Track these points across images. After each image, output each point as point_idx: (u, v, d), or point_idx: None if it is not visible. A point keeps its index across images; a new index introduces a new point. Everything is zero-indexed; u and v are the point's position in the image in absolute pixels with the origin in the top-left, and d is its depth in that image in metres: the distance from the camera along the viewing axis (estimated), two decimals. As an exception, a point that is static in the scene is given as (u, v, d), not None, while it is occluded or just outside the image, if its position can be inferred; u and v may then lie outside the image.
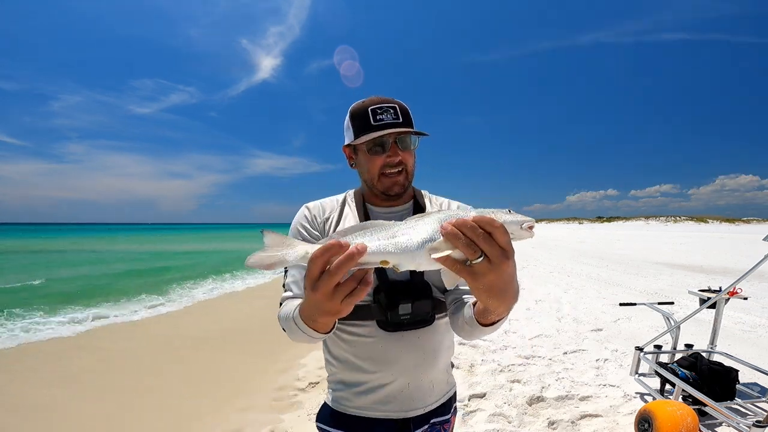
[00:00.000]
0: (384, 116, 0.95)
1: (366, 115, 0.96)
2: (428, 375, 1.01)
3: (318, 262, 0.59)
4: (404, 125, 0.97)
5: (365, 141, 0.96)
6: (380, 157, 0.97)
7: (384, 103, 0.97)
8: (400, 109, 0.97)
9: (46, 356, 4.73)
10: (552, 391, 3.17)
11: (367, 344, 0.97)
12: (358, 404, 1.00)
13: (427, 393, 1.02)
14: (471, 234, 0.55)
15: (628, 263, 12.41)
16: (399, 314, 0.93)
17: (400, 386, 0.98)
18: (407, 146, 0.99)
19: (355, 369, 0.99)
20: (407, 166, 0.99)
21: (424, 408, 1.01)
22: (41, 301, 8.12)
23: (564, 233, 43.43)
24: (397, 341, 0.96)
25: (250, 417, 3.11)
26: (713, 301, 2.92)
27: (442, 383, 1.06)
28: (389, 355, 0.96)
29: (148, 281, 11.35)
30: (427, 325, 0.98)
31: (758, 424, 2.16)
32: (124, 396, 3.59)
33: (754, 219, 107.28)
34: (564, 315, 5.69)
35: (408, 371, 0.97)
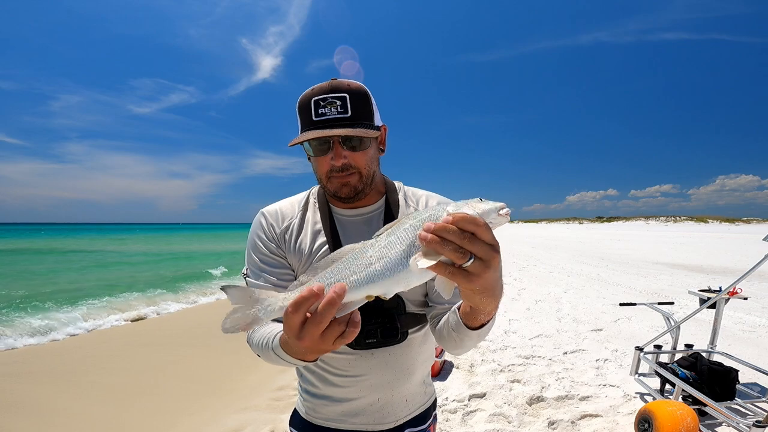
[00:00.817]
0: (327, 110, 0.81)
1: (308, 107, 0.82)
2: (401, 391, 0.95)
3: (296, 316, 0.55)
4: (352, 119, 0.81)
5: (305, 140, 0.82)
6: (325, 158, 0.84)
7: (331, 93, 0.81)
8: (350, 100, 0.81)
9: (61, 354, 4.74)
10: (552, 391, 3.17)
11: (335, 360, 0.92)
12: (327, 415, 0.95)
13: (400, 407, 0.96)
14: (455, 238, 0.51)
15: (628, 263, 12.41)
16: (365, 338, 0.87)
17: (370, 401, 0.93)
18: (356, 146, 0.83)
19: (322, 381, 0.94)
20: (360, 167, 0.85)
21: (396, 421, 0.96)
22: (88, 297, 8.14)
23: (564, 233, 43.43)
24: (367, 360, 0.90)
25: (250, 417, 3.11)
26: (713, 301, 2.92)
27: (417, 396, 1.00)
28: (357, 372, 0.91)
29: (160, 279, 11.38)
30: (400, 342, 0.90)
31: (758, 424, 2.16)
32: (122, 396, 3.59)
33: (754, 219, 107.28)
34: (564, 315, 5.69)
35: (378, 388, 0.92)
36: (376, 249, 0.57)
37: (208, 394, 3.61)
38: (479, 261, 0.53)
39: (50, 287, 10.28)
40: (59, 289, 10.00)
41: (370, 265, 0.56)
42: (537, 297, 6.98)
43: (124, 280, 11.90)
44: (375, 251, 0.57)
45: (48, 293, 9.27)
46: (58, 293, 9.23)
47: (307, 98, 0.83)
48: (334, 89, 0.81)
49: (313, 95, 0.82)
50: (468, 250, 0.52)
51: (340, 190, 0.86)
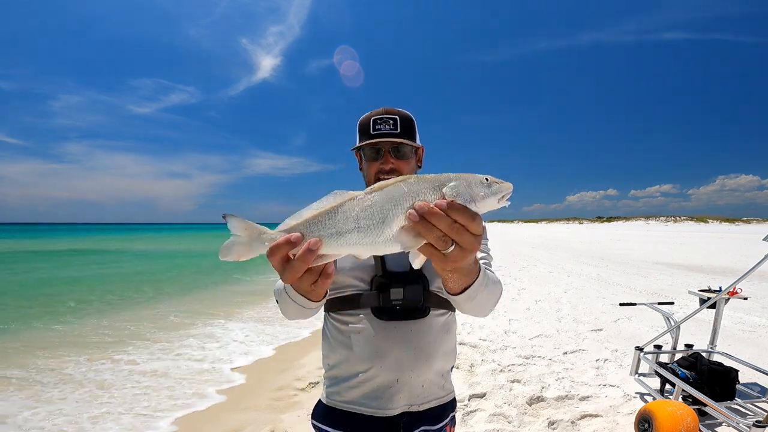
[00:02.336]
0: (382, 126, 1.03)
1: (368, 124, 1.05)
2: (419, 375, 0.99)
3: (273, 259, 0.58)
4: (401, 136, 1.04)
5: (362, 147, 1.07)
6: (375, 164, 1.06)
7: (386, 114, 1.04)
8: (400, 120, 1.04)
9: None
10: (552, 391, 3.17)
11: (360, 333, 0.98)
12: (349, 398, 1.00)
13: (417, 393, 1.00)
14: (444, 227, 0.52)
15: (628, 263, 12.41)
16: (391, 299, 0.96)
17: (389, 381, 0.97)
18: (402, 155, 1.06)
19: (347, 361, 1.00)
20: (402, 173, 1.02)
21: (410, 406, 1.00)
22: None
23: (564, 233, 43.44)
24: (390, 332, 0.97)
25: (250, 417, 3.11)
26: (713, 301, 2.92)
27: (435, 387, 1.04)
28: (381, 347, 0.97)
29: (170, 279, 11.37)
30: (421, 317, 0.98)
31: (758, 424, 2.16)
32: (118, 392, 3.59)
33: (754, 219, 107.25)
34: (564, 315, 5.69)
35: (398, 366, 0.97)
36: (363, 208, 0.57)
37: (208, 393, 3.61)
38: (459, 248, 0.54)
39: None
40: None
41: (353, 222, 0.56)
42: (537, 297, 6.98)
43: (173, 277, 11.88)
44: (362, 210, 0.57)
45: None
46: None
47: (367, 117, 1.07)
48: (388, 113, 1.05)
49: (372, 116, 1.05)
50: (452, 239, 0.53)
51: None
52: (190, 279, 12.09)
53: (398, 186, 0.58)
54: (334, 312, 1.03)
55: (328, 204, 0.59)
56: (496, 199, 0.57)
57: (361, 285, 0.99)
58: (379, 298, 0.97)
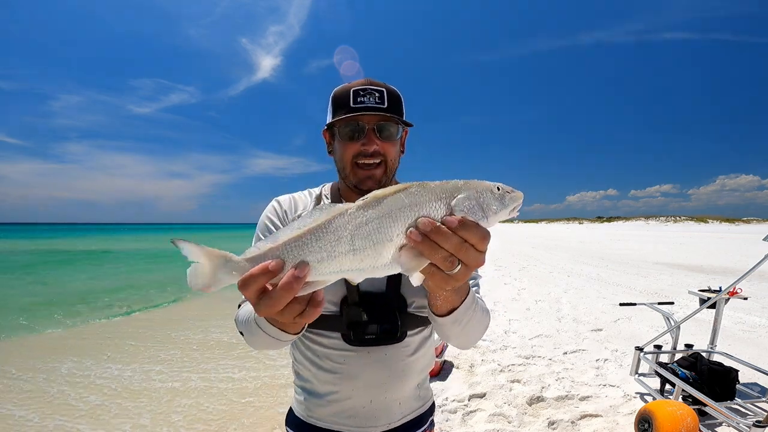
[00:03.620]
0: (366, 99, 0.84)
1: (347, 96, 0.85)
2: (394, 394, 0.91)
3: (249, 291, 0.48)
4: (388, 111, 0.85)
5: (338, 124, 0.86)
6: (355, 144, 0.85)
7: (370, 86, 0.85)
8: (388, 94, 0.86)
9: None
10: (552, 391, 3.17)
11: (330, 355, 0.89)
12: (319, 415, 0.93)
13: (393, 411, 0.93)
14: (451, 247, 0.46)
15: (628, 263, 12.41)
16: (364, 334, 0.85)
17: (362, 403, 0.90)
18: (389, 136, 0.86)
19: (317, 379, 0.92)
20: (387, 158, 0.87)
21: (389, 424, 0.93)
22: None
23: (564, 233, 43.43)
24: (362, 357, 0.88)
25: (250, 417, 3.11)
26: (713, 301, 2.92)
27: (411, 400, 0.96)
28: (351, 371, 0.88)
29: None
30: (397, 342, 0.88)
31: (758, 424, 2.16)
32: (119, 393, 3.59)
33: (754, 219, 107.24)
34: (564, 315, 5.69)
35: (371, 389, 0.89)
36: (358, 226, 0.48)
37: (208, 393, 3.61)
38: (464, 267, 0.49)
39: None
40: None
41: (347, 243, 0.47)
42: (537, 297, 6.98)
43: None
44: (356, 228, 0.48)
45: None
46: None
47: (345, 88, 0.86)
48: (372, 84, 0.86)
49: (352, 86, 0.85)
50: (459, 259, 0.47)
51: (364, 183, 0.86)
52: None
53: (398, 197, 0.49)
54: (306, 329, 0.92)
55: (313, 221, 0.49)
56: (507, 212, 0.51)
57: (328, 305, 0.85)
58: (350, 329, 0.85)
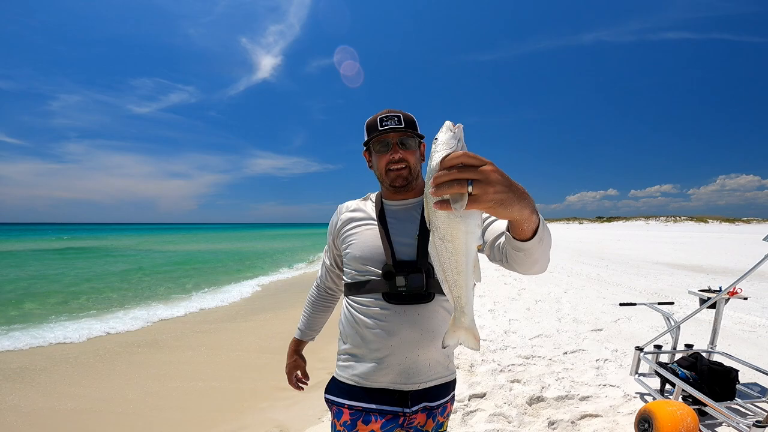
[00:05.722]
0: (389, 122, 1.16)
1: (375, 122, 1.18)
2: (426, 353, 1.11)
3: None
4: (405, 129, 1.16)
5: (372, 143, 1.19)
6: (385, 155, 1.17)
7: (391, 113, 1.17)
8: (404, 118, 1.17)
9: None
10: (552, 391, 3.17)
11: (372, 316, 1.12)
12: (361, 373, 1.13)
13: (424, 371, 1.12)
14: (446, 179, 0.61)
15: (628, 263, 12.41)
16: (396, 285, 1.09)
17: (398, 360, 1.10)
18: (408, 146, 1.18)
19: (360, 340, 1.14)
20: (409, 162, 1.17)
21: (420, 384, 1.12)
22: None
23: (564, 233, 43.41)
24: (398, 315, 1.10)
25: (250, 417, 3.11)
26: (713, 301, 2.92)
27: (439, 366, 1.16)
28: (391, 328, 1.10)
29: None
30: (427, 302, 1.10)
31: (758, 424, 2.16)
32: (126, 395, 3.59)
33: (754, 219, 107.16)
34: (564, 315, 5.69)
35: (406, 346, 1.09)
36: (437, 235, 0.69)
37: (208, 394, 3.61)
38: (477, 182, 0.60)
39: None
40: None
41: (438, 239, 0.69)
42: (537, 297, 6.98)
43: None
44: (438, 235, 0.68)
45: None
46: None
47: (374, 118, 1.19)
48: (392, 112, 1.18)
49: (379, 115, 1.18)
50: (462, 178, 0.61)
51: (396, 180, 1.18)
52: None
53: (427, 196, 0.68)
54: (350, 295, 1.19)
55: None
56: (453, 135, 0.66)
57: (374, 272, 1.13)
58: (386, 284, 1.10)
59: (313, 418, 3.03)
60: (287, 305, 7.77)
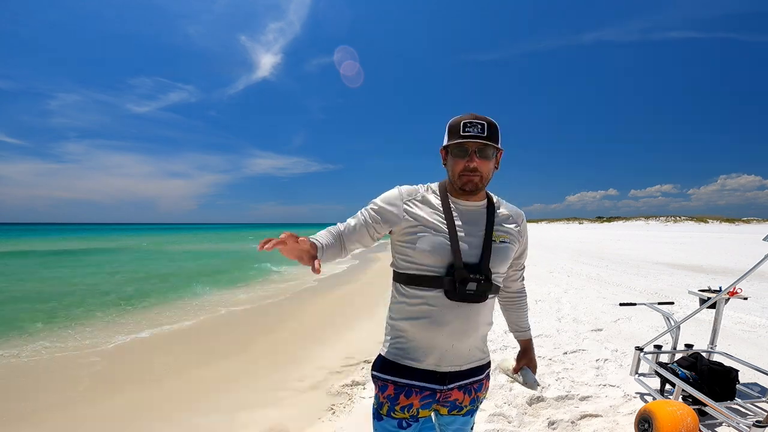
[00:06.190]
0: (471, 129, 1.16)
1: (458, 126, 1.19)
2: (469, 341, 1.23)
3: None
4: (487, 139, 1.17)
5: (451, 145, 1.20)
6: (462, 161, 1.19)
7: (476, 120, 1.17)
8: (487, 126, 1.17)
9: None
10: (552, 391, 3.17)
11: (431, 307, 1.19)
12: (411, 356, 1.23)
13: (465, 355, 1.24)
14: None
15: (628, 263, 12.41)
16: (466, 290, 1.16)
17: (446, 346, 1.20)
18: (486, 156, 1.20)
19: (415, 325, 1.21)
20: (482, 172, 1.20)
21: (460, 366, 1.24)
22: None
23: (564, 233, 43.40)
24: (454, 309, 1.18)
25: (250, 417, 3.11)
26: (713, 301, 2.91)
27: (477, 350, 1.28)
28: (444, 320, 1.18)
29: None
30: (481, 302, 1.20)
31: (758, 424, 2.16)
32: (126, 395, 3.59)
33: (754, 219, 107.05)
34: (564, 315, 5.69)
35: (455, 334, 1.19)
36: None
37: (208, 394, 3.61)
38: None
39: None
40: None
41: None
42: (537, 297, 6.98)
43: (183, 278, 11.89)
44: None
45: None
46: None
47: (458, 120, 1.20)
48: (477, 118, 1.18)
49: (463, 119, 1.18)
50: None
51: (467, 185, 1.21)
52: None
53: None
54: (411, 285, 1.22)
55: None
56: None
57: (439, 270, 1.18)
58: (455, 285, 1.16)
59: (313, 418, 3.03)
60: (290, 307, 7.77)
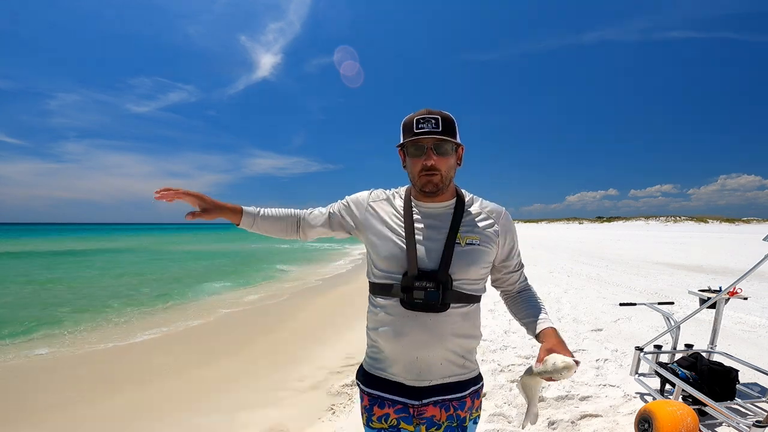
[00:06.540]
0: (425, 125, 1.10)
1: (411, 123, 1.13)
2: (437, 354, 1.14)
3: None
4: (443, 134, 1.11)
5: (406, 145, 1.15)
6: (419, 160, 1.14)
7: (429, 115, 1.11)
8: (442, 120, 1.11)
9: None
10: (552, 391, 3.17)
11: (390, 316, 1.16)
12: (380, 367, 1.21)
13: (436, 369, 1.15)
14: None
15: (628, 263, 12.41)
16: (413, 297, 1.10)
17: (410, 358, 1.14)
18: (443, 152, 1.13)
19: (380, 338, 1.19)
20: (441, 169, 1.13)
21: (431, 381, 1.15)
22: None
23: (564, 233, 43.40)
24: (412, 319, 1.12)
25: (250, 417, 3.11)
26: (713, 301, 2.91)
27: (453, 365, 1.17)
28: (403, 330, 1.13)
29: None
30: (440, 312, 1.12)
31: (758, 424, 2.16)
32: (127, 395, 3.60)
33: (754, 219, 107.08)
34: (564, 315, 5.69)
35: (416, 346, 1.13)
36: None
37: (208, 394, 3.61)
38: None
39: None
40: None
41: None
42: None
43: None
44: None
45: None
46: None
47: (411, 118, 1.14)
48: (431, 113, 1.12)
49: (416, 116, 1.13)
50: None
51: (426, 186, 1.15)
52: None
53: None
54: (374, 295, 1.21)
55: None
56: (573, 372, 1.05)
57: (395, 277, 1.15)
58: (404, 294, 1.12)
59: (313, 418, 3.03)
60: (291, 307, 7.77)
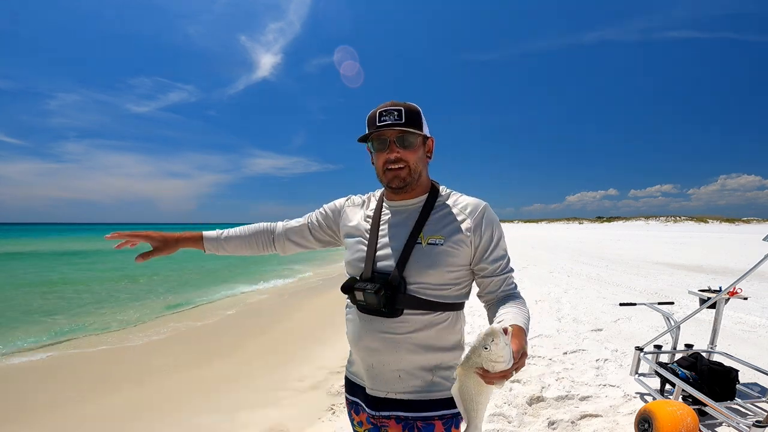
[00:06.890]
0: (387, 118, 1.05)
1: (374, 117, 1.08)
2: (391, 363, 1.06)
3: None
4: (407, 126, 1.05)
5: (370, 139, 1.10)
6: (383, 154, 1.08)
7: (393, 107, 1.06)
8: (405, 112, 1.06)
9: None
10: (552, 391, 3.17)
11: (350, 320, 1.16)
12: (352, 371, 1.21)
13: (393, 381, 1.07)
14: (502, 379, 0.79)
15: (628, 263, 12.41)
16: (356, 299, 1.07)
17: (366, 365, 1.11)
18: (408, 145, 1.08)
19: (348, 339, 1.18)
20: (408, 162, 1.08)
21: (387, 393, 1.08)
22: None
23: (564, 233, 43.41)
24: (366, 324, 1.09)
25: (250, 417, 3.11)
26: (713, 301, 2.91)
27: (415, 380, 1.07)
28: (358, 333, 1.12)
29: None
30: (393, 317, 1.05)
31: (758, 424, 2.16)
32: (127, 395, 3.59)
33: (754, 219, 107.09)
34: (564, 315, 5.69)
35: (369, 353, 1.09)
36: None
37: (209, 394, 3.61)
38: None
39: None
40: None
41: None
42: (537, 297, 6.98)
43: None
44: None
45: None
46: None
47: (374, 111, 1.09)
48: (394, 105, 1.07)
49: (379, 109, 1.08)
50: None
51: (393, 181, 1.09)
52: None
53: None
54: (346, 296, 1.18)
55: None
56: (507, 348, 0.78)
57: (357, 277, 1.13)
58: (347, 295, 1.11)
59: (313, 418, 3.03)
60: (292, 307, 7.77)
